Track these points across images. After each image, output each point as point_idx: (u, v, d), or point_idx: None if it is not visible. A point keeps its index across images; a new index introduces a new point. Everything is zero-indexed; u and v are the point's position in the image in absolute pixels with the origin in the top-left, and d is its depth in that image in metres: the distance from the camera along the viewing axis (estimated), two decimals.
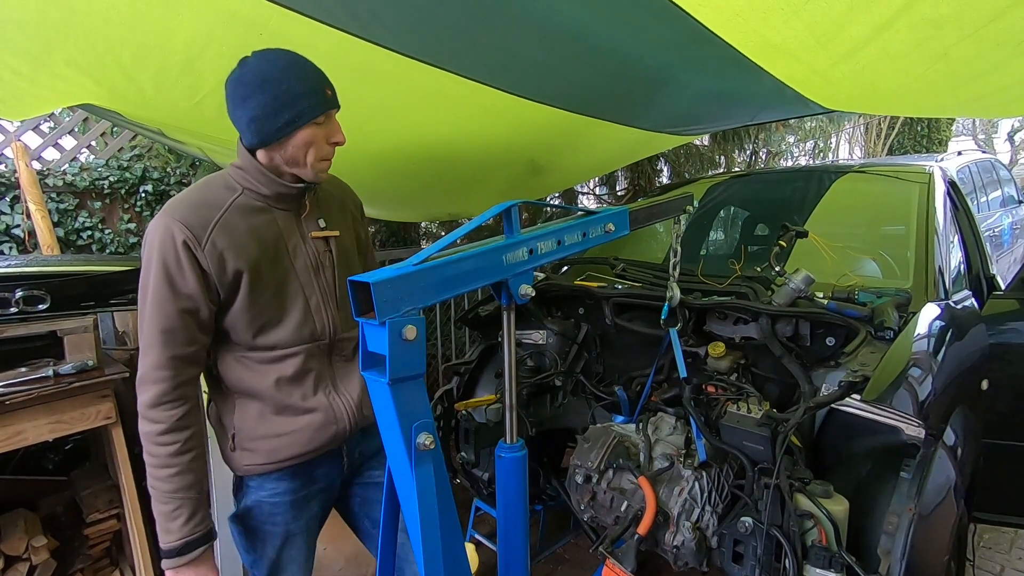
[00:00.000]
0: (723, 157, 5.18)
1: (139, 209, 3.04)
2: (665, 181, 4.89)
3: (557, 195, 4.60)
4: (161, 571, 1.15)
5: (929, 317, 1.53)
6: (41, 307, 1.72)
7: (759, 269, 1.94)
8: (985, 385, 1.76)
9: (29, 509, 1.92)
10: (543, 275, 2.41)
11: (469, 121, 2.10)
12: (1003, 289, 2.05)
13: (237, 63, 1.12)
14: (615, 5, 1.43)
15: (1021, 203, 4.34)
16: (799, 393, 1.58)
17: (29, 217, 2.59)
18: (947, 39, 1.26)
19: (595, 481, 1.64)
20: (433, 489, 0.90)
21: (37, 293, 1.71)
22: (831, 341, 1.63)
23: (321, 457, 1.28)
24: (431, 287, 0.90)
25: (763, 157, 5.96)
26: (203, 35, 1.41)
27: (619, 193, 5.07)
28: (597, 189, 5.27)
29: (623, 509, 1.59)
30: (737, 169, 5.23)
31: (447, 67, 1.68)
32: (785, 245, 1.82)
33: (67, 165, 2.93)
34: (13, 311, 1.67)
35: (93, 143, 3.04)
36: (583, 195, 5.19)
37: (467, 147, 2.31)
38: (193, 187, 1.19)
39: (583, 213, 1.23)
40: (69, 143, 2.99)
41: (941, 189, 2.20)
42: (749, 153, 5.62)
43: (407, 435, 0.87)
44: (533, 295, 1.06)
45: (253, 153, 1.16)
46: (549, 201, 4.37)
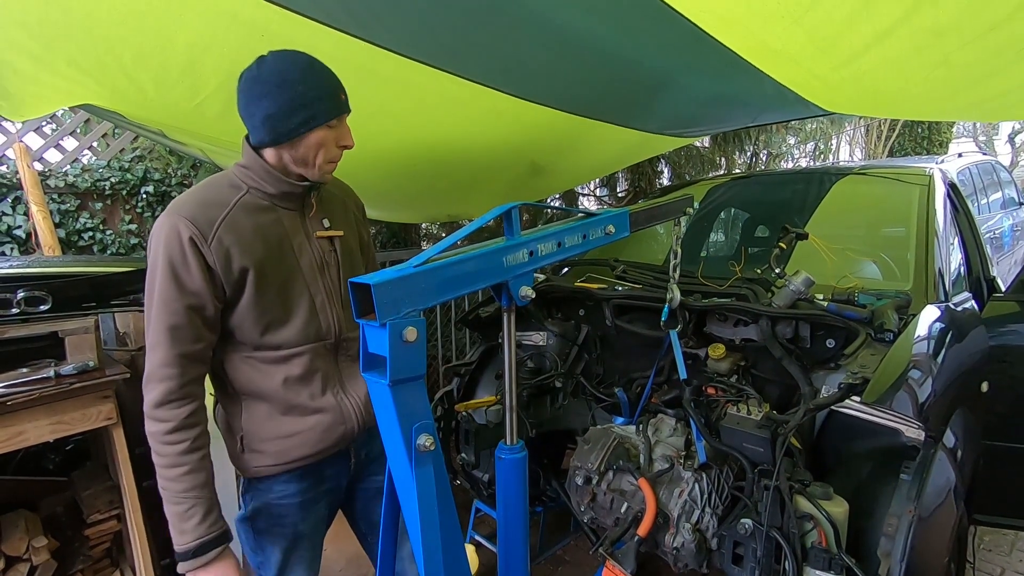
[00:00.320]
0: (723, 159, 5.18)
1: (140, 210, 3.04)
2: (666, 182, 4.89)
3: (557, 196, 4.60)
4: (160, 572, 1.16)
5: (929, 319, 1.54)
6: (42, 308, 1.72)
7: (759, 271, 1.94)
8: (985, 387, 1.76)
9: (30, 509, 1.92)
10: (543, 276, 2.41)
11: (470, 123, 2.10)
12: (1003, 291, 2.05)
13: (254, 61, 1.12)
14: (615, 9, 1.43)
15: (1021, 205, 4.33)
16: (799, 395, 1.58)
17: (31, 218, 2.59)
18: (947, 46, 1.27)
19: (595, 482, 1.64)
20: (433, 490, 0.90)
21: (38, 294, 1.71)
22: (831, 343, 1.63)
23: (329, 458, 1.28)
24: (432, 289, 0.90)
25: (763, 159, 5.96)
26: (204, 37, 1.41)
27: (619, 194, 5.07)
28: (598, 190, 5.28)
29: (623, 510, 1.59)
30: (737, 171, 5.23)
31: (448, 69, 1.69)
32: (785, 247, 1.82)
33: (69, 166, 2.93)
34: (14, 312, 1.67)
35: (95, 144, 3.05)
36: (583, 196, 5.19)
37: (468, 148, 2.31)
38: (198, 186, 1.19)
39: (583, 215, 1.23)
40: (71, 144, 2.99)
41: (941, 191, 2.20)
42: (749, 155, 5.62)
43: (407, 436, 0.87)
44: (533, 297, 1.06)
45: (259, 153, 1.17)
46: (549, 203, 4.38)
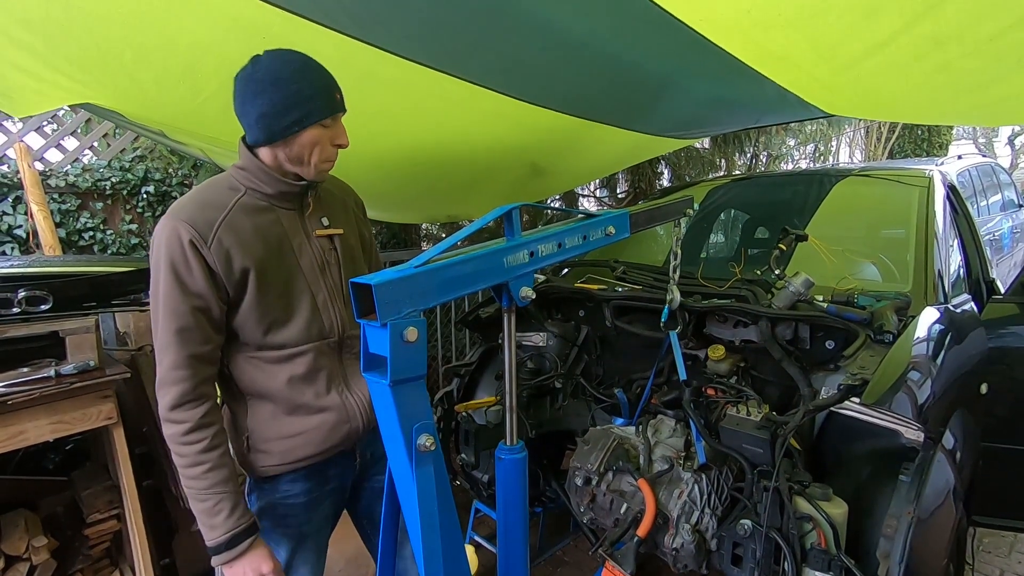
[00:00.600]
0: (723, 160, 5.19)
1: (141, 210, 3.05)
2: (666, 184, 4.90)
3: (558, 197, 4.61)
4: (160, 572, 1.16)
5: (928, 321, 1.54)
6: (43, 307, 1.73)
7: (759, 272, 1.94)
8: (984, 389, 1.76)
9: (29, 509, 1.92)
10: (543, 277, 2.41)
11: (471, 124, 2.11)
12: (1003, 293, 2.05)
13: (249, 60, 1.12)
14: (616, 15, 1.43)
15: (1021, 207, 4.34)
16: (799, 396, 1.58)
17: (31, 218, 2.60)
18: (948, 54, 1.28)
19: (595, 483, 1.65)
20: (433, 490, 0.90)
21: (39, 293, 1.72)
22: (831, 344, 1.63)
23: (334, 457, 1.28)
24: (432, 289, 0.91)
25: (763, 160, 5.97)
26: (206, 39, 1.42)
27: (619, 195, 5.08)
28: (598, 191, 5.28)
29: (623, 511, 1.59)
30: (737, 172, 5.24)
31: (449, 71, 1.69)
32: (785, 248, 1.83)
33: (69, 166, 2.94)
34: (15, 311, 1.67)
35: (95, 144, 3.05)
36: (583, 197, 5.20)
37: (468, 150, 2.32)
38: (196, 189, 1.19)
39: (584, 216, 1.23)
40: (71, 144, 2.99)
41: (941, 193, 2.20)
42: (749, 156, 5.62)
43: (408, 436, 0.87)
44: (534, 297, 1.06)
45: (255, 153, 1.17)
46: (550, 203, 4.38)
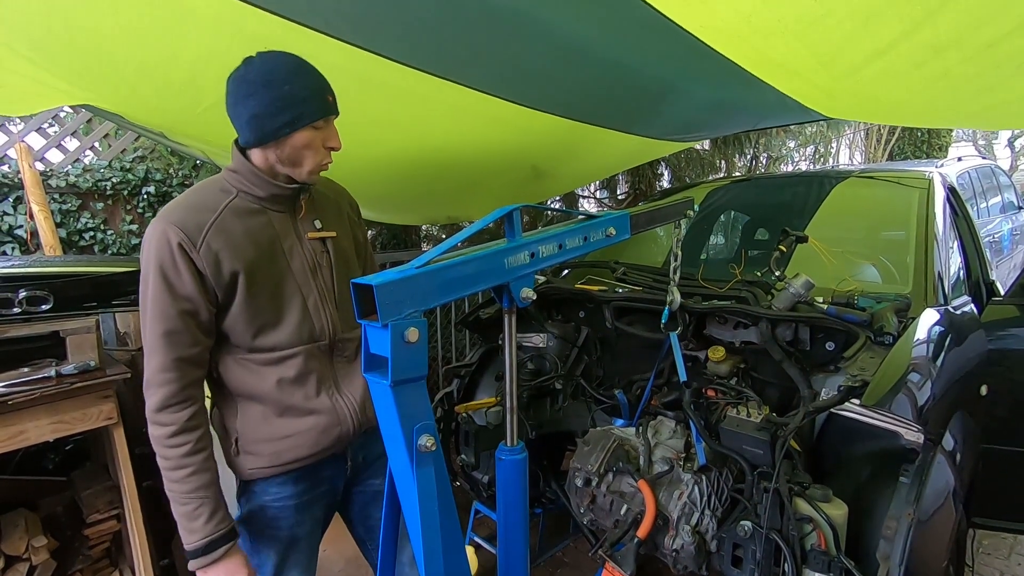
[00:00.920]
0: (723, 161, 5.19)
1: (141, 210, 3.05)
2: (666, 185, 4.90)
3: (558, 199, 4.61)
4: (160, 572, 1.16)
5: (928, 322, 1.54)
6: (44, 307, 1.73)
7: (759, 273, 1.94)
8: (984, 390, 1.76)
9: (29, 509, 1.92)
10: (544, 278, 2.41)
11: (471, 129, 2.11)
12: (1002, 295, 2.05)
13: (242, 62, 1.12)
14: (616, 21, 1.44)
15: (1021, 209, 4.34)
16: (799, 397, 1.58)
17: (32, 218, 2.60)
18: (948, 61, 1.28)
19: (595, 484, 1.65)
20: (434, 491, 0.90)
21: (40, 293, 1.72)
22: (831, 346, 1.63)
23: (325, 460, 1.28)
24: (433, 290, 0.91)
25: (763, 162, 5.97)
26: (208, 50, 1.42)
27: (619, 197, 5.08)
28: (598, 193, 5.28)
29: (623, 512, 1.59)
30: (737, 174, 5.24)
31: (451, 78, 1.69)
32: (785, 250, 1.83)
33: (70, 166, 2.94)
34: (16, 311, 1.67)
35: (96, 145, 3.05)
36: (584, 199, 5.20)
37: (469, 153, 2.32)
38: (188, 191, 1.19)
39: (584, 217, 1.23)
40: (72, 144, 2.99)
41: (941, 195, 2.20)
42: (749, 158, 5.63)
43: (408, 437, 0.87)
44: (535, 299, 1.07)
45: (247, 155, 1.17)
46: (550, 205, 4.38)
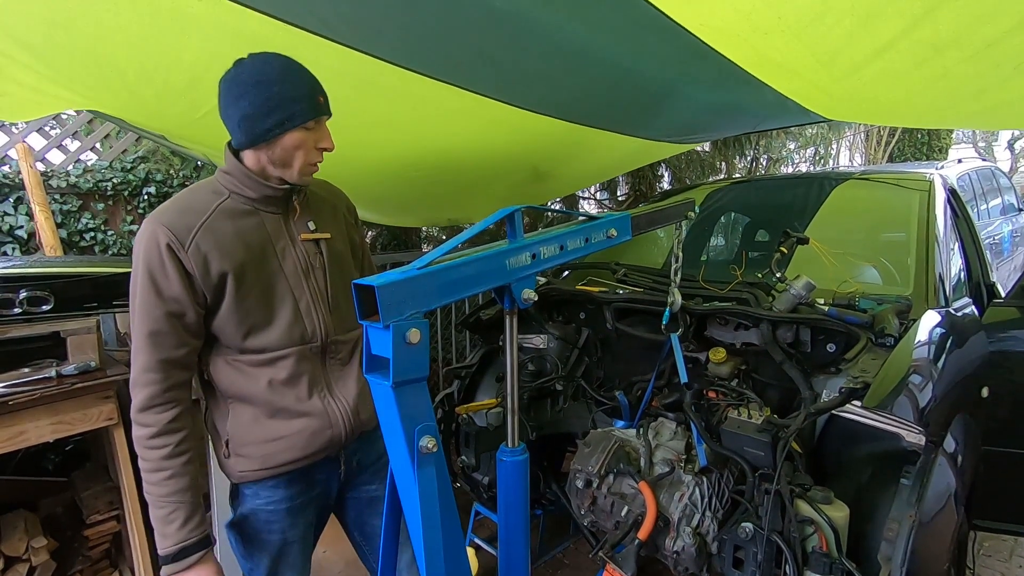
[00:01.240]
0: (724, 163, 5.19)
1: (142, 211, 3.05)
2: (666, 187, 4.90)
3: (558, 200, 4.61)
4: (159, 573, 1.16)
5: (930, 324, 1.54)
6: (44, 308, 1.73)
7: (760, 275, 1.94)
8: (985, 392, 1.76)
9: (29, 510, 1.92)
10: (544, 280, 2.41)
11: (471, 131, 2.11)
12: (1003, 297, 2.05)
13: (233, 63, 1.12)
14: (616, 21, 1.44)
15: (1021, 211, 4.34)
16: (800, 399, 1.58)
17: (33, 218, 2.60)
18: (947, 60, 1.28)
19: (595, 486, 1.64)
20: (435, 492, 0.90)
21: (41, 294, 1.72)
22: (832, 347, 1.63)
23: (318, 464, 1.27)
24: (435, 291, 0.91)
25: (764, 163, 5.97)
26: (208, 54, 1.42)
27: (620, 198, 5.08)
28: (598, 194, 5.29)
29: (623, 514, 1.58)
30: (738, 175, 5.24)
31: (451, 81, 1.69)
32: (786, 251, 1.82)
33: (71, 167, 2.94)
34: (17, 312, 1.68)
35: (97, 145, 3.05)
36: (584, 200, 5.20)
37: (469, 156, 2.32)
38: (180, 193, 1.20)
39: (585, 218, 1.23)
40: (73, 145, 3.00)
41: (941, 196, 2.20)
42: (750, 159, 5.63)
43: (410, 438, 0.87)
44: (536, 300, 1.06)
45: (239, 157, 1.17)
46: (550, 206, 4.39)
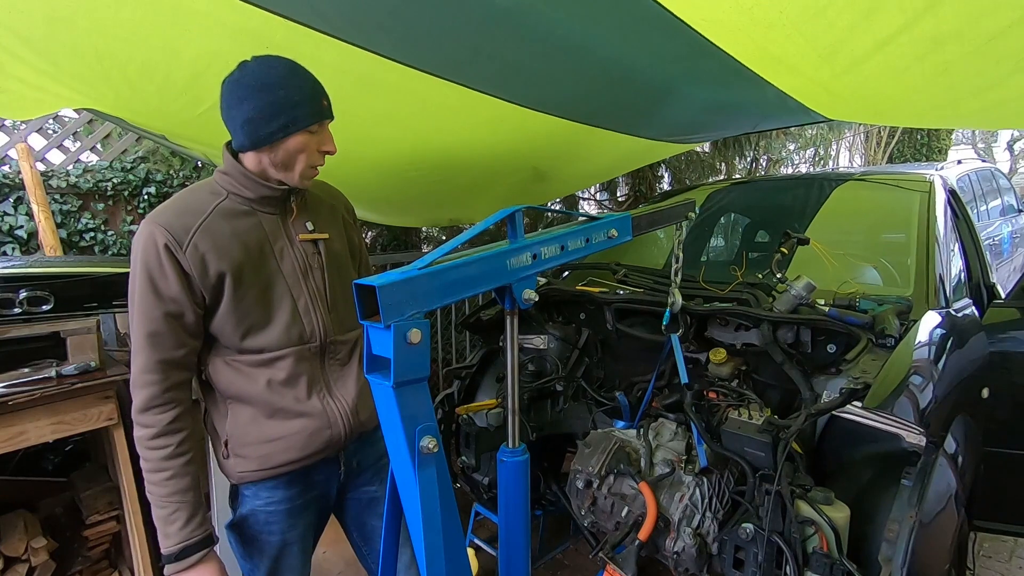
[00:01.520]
0: (724, 164, 5.19)
1: (142, 211, 3.05)
2: (666, 187, 4.90)
3: (558, 201, 4.61)
4: (159, 574, 1.16)
5: (930, 325, 1.54)
6: (44, 308, 1.72)
7: (760, 276, 1.95)
8: (985, 393, 1.76)
9: (29, 510, 1.92)
10: (544, 280, 2.41)
11: (472, 130, 2.11)
12: (1003, 298, 2.05)
13: (236, 66, 1.12)
14: (617, 18, 1.44)
15: (1020, 212, 4.35)
16: (800, 400, 1.58)
17: (33, 218, 2.59)
18: (948, 55, 1.28)
19: (596, 486, 1.64)
20: (436, 492, 0.90)
21: (41, 294, 1.72)
22: (832, 348, 1.63)
23: (317, 464, 1.27)
24: (436, 291, 0.90)
25: (764, 164, 5.97)
26: (209, 51, 1.42)
27: (620, 199, 5.08)
28: (598, 195, 5.29)
29: (623, 515, 1.59)
30: (738, 176, 5.24)
31: (451, 78, 1.69)
32: (787, 252, 1.82)
33: (71, 167, 2.94)
34: (17, 312, 1.67)
35: (98, 146, 3.05)
36: (584, 200, 5.20)
37: (470, 155, 2.32)
38: (178, 194, 1.20)
39: (586, 219, 1.23)
40: (73, 145, 2.99)
41: (942, 197, 2.21)
42: (750, 160, 5.63)
43: (411, 438, 0.87)
44: (537, 300, 1.07)
45: (239, 158, 1.17)
46: (550, 206, 4.39)
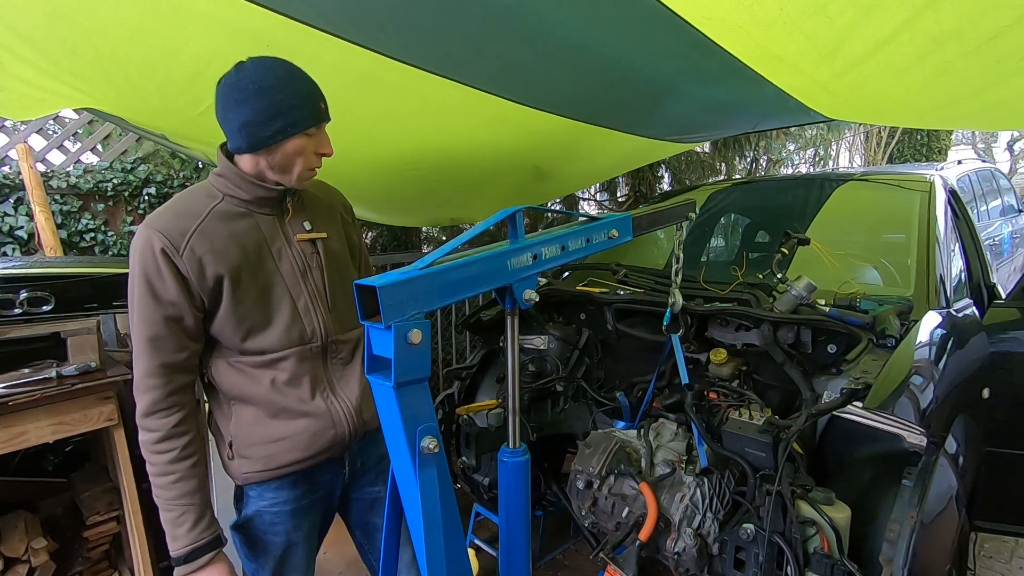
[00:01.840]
0: (724, 164, 5.19)
1: (142, 212, 3.05)
2: (666, 187, 4.90)
3: (558, 201, 4.61)
4: (159, 574, 1.16)
5: (931, 325, 1.54)
6: (45, 308, 1.72)
7: (761, 276, 1.95)
8: (986, 393, 1.76)
9: (29, 511, 1.91)
10: (545, 280, 2.41)
11: (473, 129, 2.11)
12: (1003, 298, 2.05)
13: (233, 67, 1.11)
14: (618, 16, 1.44)
15: (1021, 212, 4.35)
16: (801, 400, 1.58)
17: (33, 219, 2.60)
18: (948, 54, 1.28)
19: (596, 487, 1.64)
20: (436, 493, 0.90)
21: (41, 294, 1.72)
22: (833, 348, 1.63)
23: (321, 464, 1.27)
24: (437, 291, 0.90)
25: (764, 164, 5.97)
26: (209, 49, 1.41)
27: (620, 199, 5.08)
28: (598, 195, 5.29)
29: (624, 515, 1.58)
30: (738, 176, 5.24)
31: (452, 76, 1.69)
32: (787, 252, 1.83)
33: (71, 167, 2.94)
34: (17, 312, 1.67)
35: (98, 146, 3.05)
36: (584, 200, 5.20)
37: (470, 154, 2.32)
38: (175, 197, 1.20)
39: (587, 219, 1.23)
40: (73, 146, 3.00)
41: (942, 198, 2.21)
42: (750, 160, 5.63)
43: (411, 439, 0.87)
44: (537, 300, 1.06)
45: (234, 160, 1.17)
46: (550, 207, 4.39)
